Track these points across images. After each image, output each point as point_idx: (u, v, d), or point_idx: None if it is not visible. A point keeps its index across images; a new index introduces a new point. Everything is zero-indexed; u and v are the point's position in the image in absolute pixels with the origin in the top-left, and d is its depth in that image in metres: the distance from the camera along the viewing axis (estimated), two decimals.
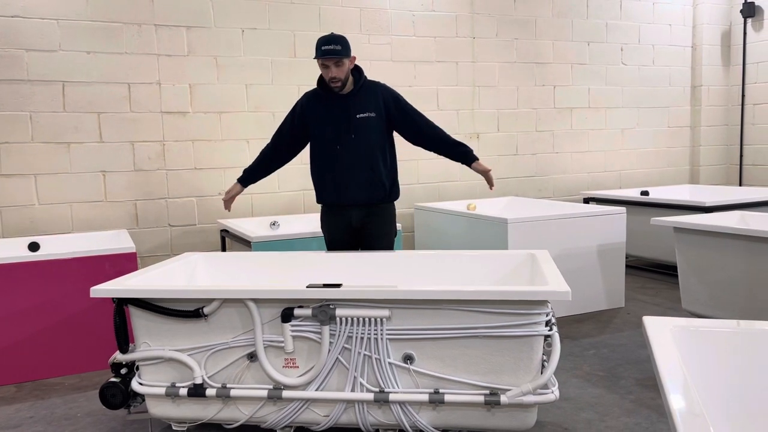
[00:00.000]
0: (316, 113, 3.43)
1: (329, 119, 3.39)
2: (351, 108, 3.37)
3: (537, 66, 6.18)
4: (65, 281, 3.67)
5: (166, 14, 4.72)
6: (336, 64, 3.25)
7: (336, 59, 3.22)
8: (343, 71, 3.28)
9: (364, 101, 3.39)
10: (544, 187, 6.33)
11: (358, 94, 3.39)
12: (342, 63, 3.25)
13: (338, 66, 3.25)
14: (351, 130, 3.35)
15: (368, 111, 3.37)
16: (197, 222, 4.92)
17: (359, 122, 3.35)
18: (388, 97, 3.45)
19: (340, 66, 3.25)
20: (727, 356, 1.85)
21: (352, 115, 3.36)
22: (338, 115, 3.37)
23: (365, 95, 3.41)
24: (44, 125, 4.44)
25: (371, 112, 3.38)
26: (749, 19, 6.86)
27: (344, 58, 3.25)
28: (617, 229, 4.68)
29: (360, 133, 3.35)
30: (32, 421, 3.11)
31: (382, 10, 5.45)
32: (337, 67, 3.25)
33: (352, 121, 3.35)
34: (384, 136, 3.44)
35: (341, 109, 3.37)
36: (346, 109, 3.37)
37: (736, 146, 7.10)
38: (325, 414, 2.58)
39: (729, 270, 3.72)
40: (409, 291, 2.43)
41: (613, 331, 4.18)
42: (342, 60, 3.24)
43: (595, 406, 3.05)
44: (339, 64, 3.25)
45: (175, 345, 2.64)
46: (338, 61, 3.23)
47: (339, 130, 3.36)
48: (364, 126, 3.36)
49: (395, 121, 3.46)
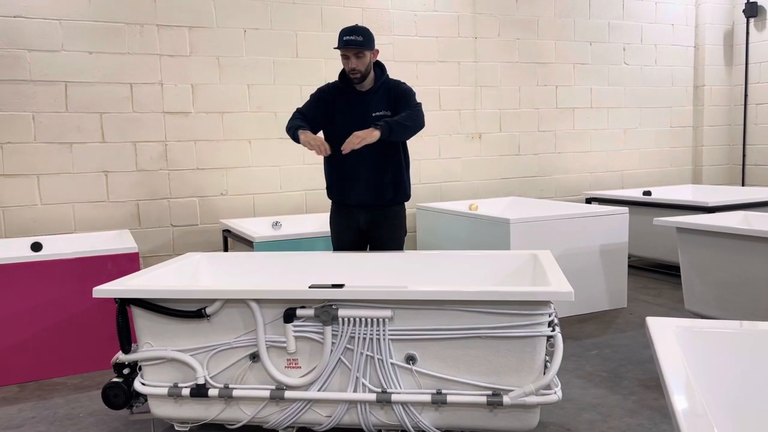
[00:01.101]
0: (334, 106, 3.39)
1: (345, 114, 3.35)
2: (368, 105, 3.32)
3: (539, 66, 6.17)
4: (67, 281, 3.67)
5: (168, 14, 4.72)
6: (356, 56, 3.20)
7: (356, 50, 3.18)
8: (363, 63, 3.22)
9: (380, 99, 3.35)
10: (546, 187, 6.32)
11: (378, 92, 3.35)
12: (363, 55, 3.21)
13: (359, 58, 3.21)
14: (365, 128, 3.28)
15: (383, 109, 3.32)
16: (199, 222, 4.92)
17: (374, 120, 3.28)
18: (397, 92, 3.36)
19: (360, 58, 3.21)
20: (730, 357, 1.84)
21: (368, 113, 3.30)
22: (355, 111, 3.33)
23: (383, 94, 3.36)
24: (46, 125, 4.44)
25: (387, 110, 3.32)
26: (752, 18, 6.84)
27: (365, 50, 3.20)
28: (620, 229, 4.67)
29: None
30: (34, 421, 3.11)
31: (384, 10, 5.45)
32: (358, 58, 3.21)
33: (367, 119, 3.28)
34: None
35: (358, 106, 3.33)
36: (364, 107, 3.32)
37: (739, 146, 7.09)
38: (328, 414, 2.58)
39: (732, 270, 3.71)
40: (412, 291, 2.43)
41: (615, 332, 4.18)
42: (363, 51, 3.20)
43: (598, 407, 3.05)
44: (360, 56, 3.20)
45: (177, 345, 2.64)
46: (359, 52, 3.19)
47: (353, 127, 3.28)
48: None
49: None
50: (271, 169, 5.14)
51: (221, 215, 4.98)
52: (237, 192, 5.03)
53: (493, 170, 6.05)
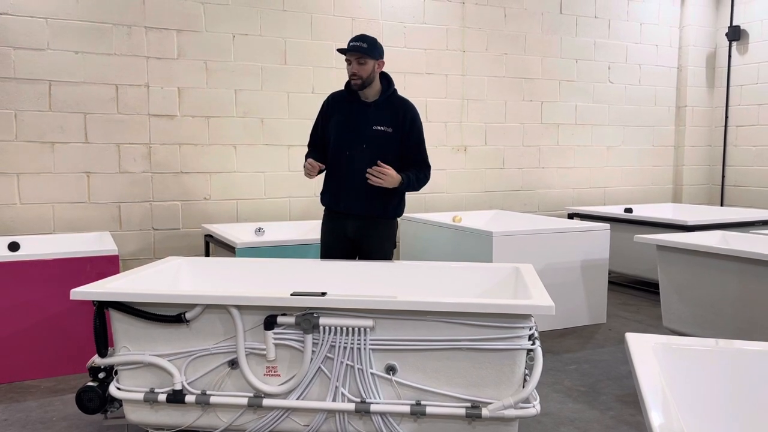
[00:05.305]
0: (336, 115, 3.40)
1: (346, 124, 3.35)
2: (370, 118, 3.32)
3: (525, 81, 6.24)
4: (45, 282, 3.61)
5: (157, 17, 4.70)
6: (358, 61, 3.22)
7: (359, 55, 3.20)
8: (365, 70, 3.23)
9: (385, 114, 3.33)
10: (529, 201, 6.37)
11: (382, 105, 3.35)
12: (365, 62, 3.22)
13: (360, 64, 3.22)
14: (364, 139, 3.30)
15: (386, 125, 3.31)
16: (181, 226, 4.89)
17: (374, 134, 3.30)
18: (408, 116, 3.35)
19: (362, 64, 3.22)
20: (706, 374, 1.87)
21: (369, 125, 3.31)
22: (356, 121, 3.34)
23: (388, 108, 3.35)
24: (29, 124, 4.39)
25: (388, 127, 3.31)
26: (734, 42, 6.99)
27: (368, 57, 3.21)
28: (601, 245, 4.72)
29: (372, 144, 3.29)
30: (6, 423, 3.05)
31: (374, 20, 5.47)
32: (360, 64, 3.22)
33: (367, 131, 3.30)
34: (396, 154, 3.35)
35: (360, 117, 3.34)
36: (365, 118, 3.33)
37: (719, 167, 7.21)
38: (306, 423, 2.56)
39: (710, 289, 3.76)
40: (393, 301, 2.43)
41: (594, 347, 4.21)
42: (365, 58, 3.21)
43: (576, 422, 3.06)
44: (361, 62, 3.22)
45: (155, 350, 2.61)
46: (360, 57, 3.21)
47: (352, 136, 3.30)
48: (378, 139, 3.30)
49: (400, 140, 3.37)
50: (255, 175, 5.12)
51: (204, 220, 4.94)
52: (220, 197, 5.01)
53: (478, 183, 6.08)
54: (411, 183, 3.32)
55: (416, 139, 3.39)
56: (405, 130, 3.35)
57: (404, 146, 3.36)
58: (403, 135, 3.35)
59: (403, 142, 3.36)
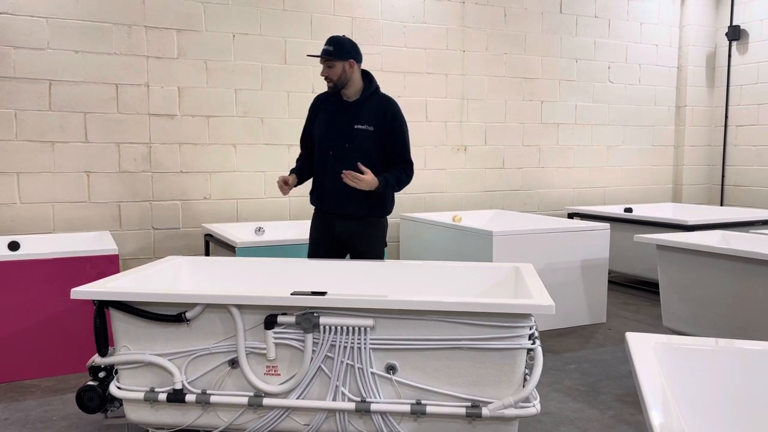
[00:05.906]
0: (320, 115, 3.44)
1: (329, 123, 3.38)
2: (352, 117, 3.34)
3: (525, 81, 6.24)
4: (45, 282, 3.61)
5: (157, 16, 4.70)
6: (327, 65, 3.29)
7: (325, 58, 3.28)
8: (334, 73, 3.28)
9: (367, 112, 3.35)
10: (529, 201, 6.37)
11: (364, 104, 3.36)
12: (333, 64, 3.27)
13: (329, 67, 3.28)
14: (346, 139, 3.32)
15: (367, 123, 3.33)
16: (181, 225, 4.89)
17: (356, 132, 3.31)
18: (388, 113, 3.36)
19: (331, 67, 3.28)
20: (707, 373, 1.87)
21: (351, 124, 3.33)
22: (339, 121, 3.36)
23: (370, 107, 3.37)
24: (29, 123, 4.39)
25: (370, 125, 3.33)
26: (734, 42, 6.99)
27: (334, 60, 3.26)
28: (601, 245, 4.72)
29: (355, 143, 3.31)
30: (6, 423, 3.05)
31: (374, 20, 5.47)
32: (329, 67, 3.29)
33: (349, 131, 3.32)
34: (379, 152, 3.36)
35: (343, 116, 3.36)
36: (347, 117, 3.35)
37: (719, 167, 7.21)
38: (306, 423, 2.57)
39: (710, 288, 3.76)
40: (394, 301, 2.43)
41: (594, 346, 4.21)
42: (332, 61, 3.27)
43: (575, 421, 3.06)
44: (330, 65, 3.28)
45: (155, 349, 2.61)
46: (328, 60, 3.27)
47: (336, 136, 3.34)
48: (360, 137, 3.31)
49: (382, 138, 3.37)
50: (255, 174, 5.12)
51: (204, 219, 4.94)
52: (220, 196, 5.01)
53: (478, 183, 6.08)
54: (390, 185, 3.30)
55: (398, 136, 3.38)
56: (386, 127, 3.35)
57: (386, 144, 3.37)
58: (384, 133, 3.35)
59: (384, 140, 3.36)
